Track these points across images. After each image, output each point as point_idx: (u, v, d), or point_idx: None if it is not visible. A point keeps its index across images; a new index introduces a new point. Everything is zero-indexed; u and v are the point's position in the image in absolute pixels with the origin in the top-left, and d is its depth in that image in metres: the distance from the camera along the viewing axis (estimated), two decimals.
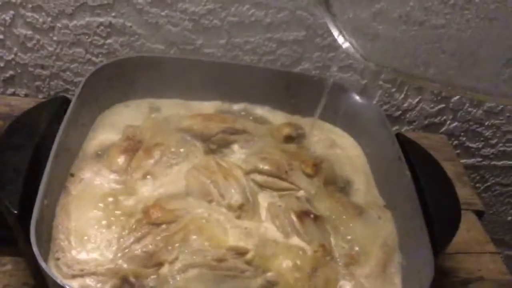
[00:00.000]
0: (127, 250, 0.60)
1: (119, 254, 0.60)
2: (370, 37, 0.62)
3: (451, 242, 0.65)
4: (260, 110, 0.85)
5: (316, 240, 0.66)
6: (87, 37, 0.90)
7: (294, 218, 0.67)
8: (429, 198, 0.68)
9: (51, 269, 0.56)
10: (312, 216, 0.68)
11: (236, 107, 0.85)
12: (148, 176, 0.69)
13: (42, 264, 0.53)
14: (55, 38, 0.90)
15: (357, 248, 0.68)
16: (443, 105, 1.11)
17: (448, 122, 1.14)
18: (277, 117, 0.85)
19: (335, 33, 0.61)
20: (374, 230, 0.71)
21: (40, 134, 0.64)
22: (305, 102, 0.85)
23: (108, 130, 0.75)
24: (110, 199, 0.65)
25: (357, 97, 0.83)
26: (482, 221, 0.92)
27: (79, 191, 0.66)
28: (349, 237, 0.68)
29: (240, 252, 0.61)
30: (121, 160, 0.69)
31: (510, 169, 1.24)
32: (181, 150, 0.72)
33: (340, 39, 0.61)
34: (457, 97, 1.10)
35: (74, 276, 0.58)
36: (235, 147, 0.76)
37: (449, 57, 0.56)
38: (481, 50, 0.55)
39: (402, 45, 0.59)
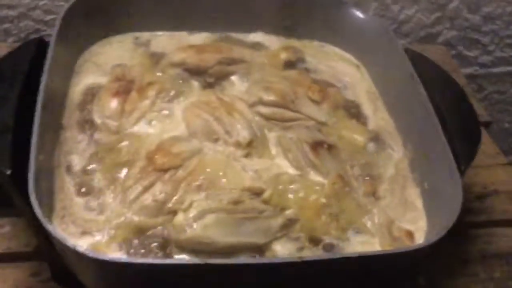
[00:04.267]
0: (136, 201, 0.56)
1: (127, 206, 0.56)
2: None
3: (474, 159, 0.62)
4: (253, 36, 0.79)
5: (333, 171, 0.62)
6: None
7: (307, 149, 0.63)
8: (448, 117, 0.64)
9: (57, 230, 0.52)
10: (325, 146, 0.64)
11: (226, 35, 0.78)
12: (145, 119, 0.63)
13: (48, 226, 0.48)
14: None
15: (374, 175, 0.64)
16: (439, 14, 1.06)
17: (444, 31, 1.09)
18: (273, 42, 0.79)
19: None
20: (387, 155, 0.67)
21: (21, 83, 0.58)
22: (300, 23, 0.80)
23: (93, 71, 0.69)
24: (108, 148, 0.60)
25: (358, 13, 0.77)
26: None
27: (73, 143, 0.60)
28: (364, 165, 0.65)
29: (256, 192, 0.57)
30: (113, 104, 0.63)
31: (507, 75, 1.20)
32: (177, 87, 0.67)
33: None
34: (455, 4, 1.04)
35: (82, 234, 0.54)
36: (234, 78, 0.70)
37: None
38: None
39: None
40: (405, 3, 1.02)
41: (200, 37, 0.76)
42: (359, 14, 0.77)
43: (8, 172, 0.51)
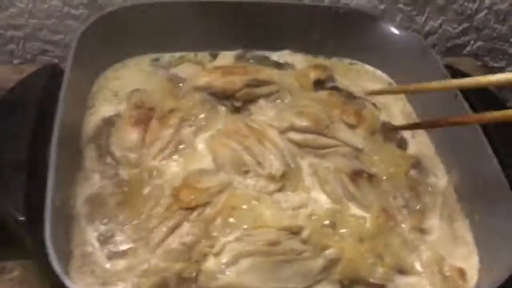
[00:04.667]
0: (160, 245, 0.50)
1: (152, 251, 0.50)
2: None
3: None
4: (279, 55, 0.74)
5: (375, 203, 0.57)
6: None
7: (346, 180, 0.57)
8: (498, 139, 0.59)
9: (75, 283, 0.46)
10: (365, 175, 0.58)
11: (251, 54, 0.73)
12: (169, 150, 0.58)
13: (65, 280, 0.43)
14: None
15: (419, 206, 0.59)
16: (467, 25, 1.00)
17: (471, 42, 1.04)
18: (300, 61, 0.73)
19: None
20: (431, 183, 0.62)
21: (34, 115, 0.52)
22: (328, 39, 0.74)
23: (110, 99, 0.63)
24: (129, 184, 0.55)
25: (390, 27, 0.72)
26: None
27: (92, 180, 0.55)
28: (408, 195, 0.59)
29: (293, 232, 0.52)
30: (133, 134, 0.58)
31: None
32: (202, 113, 0.61)
33: None
34: (482, 13, 0.99)
35: (103, 284, 0.48)
36: (262, 102, 0.65)
37: None
38: None
39: None
40: (431, 14, 0.96)
41: (223, 56, 0.71)
42: (391, 28, 0.72)
43: (22, 218, 0.46)
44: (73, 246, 0.50)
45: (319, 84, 0.70)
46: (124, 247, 0.51)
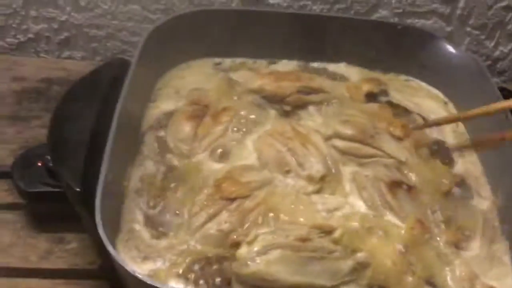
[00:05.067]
0: (200, 229, 0.54)
1: (191, 234, 0.54)
2: None
3: None
4: (335, 67, 0.76)
5: (411, 215, 0.57)
6: None
7: (384, 189, 0.59)
8: None
9: (120, 253, 0.51)
10: (405, 187, 0.59)
11: (309, 66, 0.76)
12: (217, 145, 0.62)
13: (110, 249, 0.48)
14: None
15: (457, 223, 0.59)
16: None
17: None
18: (355, 74, 0.76)
19: None
20: (474, 203, 0.62)
21: (100, 101, 0.58)
22: (386, 55, 0.76)
23: (171, 95, 0.68)
24: (178, 172, 0.59)
25: (450, 47, 0.73)
26: None
27: (145, 165, 0.60)
28: (447, 211, 0.59)
29: (326, 231, 0.54)
30: (187, 127, 0.63)
31: None
32: (252, 114, 0.65)
33: None
34: None
35: (144, 259, 0.53)
36: (312, 108, 0.67)
37: None
38: None
39: None
40: (501, 39, 0.95)
41: (281, 65, 0.74)
42: (451, 49, 0.73)
43: (78, 189, 0.51)
44: (122, 222, 0.55)
45: (371, 97, 0.71)
46: (168, 227, 0.55)
